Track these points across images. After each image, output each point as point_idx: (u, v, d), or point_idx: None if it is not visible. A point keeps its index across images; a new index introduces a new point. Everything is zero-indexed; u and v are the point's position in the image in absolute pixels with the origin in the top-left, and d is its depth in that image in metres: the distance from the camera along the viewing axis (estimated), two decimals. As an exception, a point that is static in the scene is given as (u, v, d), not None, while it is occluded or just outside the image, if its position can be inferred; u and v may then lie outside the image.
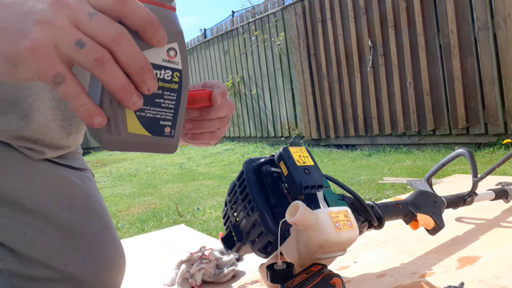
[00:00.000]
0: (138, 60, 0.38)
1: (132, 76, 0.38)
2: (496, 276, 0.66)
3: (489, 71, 3.35)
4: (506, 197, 1.04)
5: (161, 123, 0.43)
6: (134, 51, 0.37)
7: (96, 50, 0.36)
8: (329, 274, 0.52)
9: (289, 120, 5.56)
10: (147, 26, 0.39)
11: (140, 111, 0.41)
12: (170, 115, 0.44)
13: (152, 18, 0.39)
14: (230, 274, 0.84)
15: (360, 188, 2.53)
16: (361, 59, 4.41)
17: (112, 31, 0.36)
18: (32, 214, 0.73)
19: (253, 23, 5.92)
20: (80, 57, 0.36)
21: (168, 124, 0.44)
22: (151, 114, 0.42)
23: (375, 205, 0.71)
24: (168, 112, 0.43)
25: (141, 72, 0.38)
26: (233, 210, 0.66)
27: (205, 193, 3.13)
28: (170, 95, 0.43)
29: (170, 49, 0.42)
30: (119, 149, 0.42)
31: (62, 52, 0.36)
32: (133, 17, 0.38)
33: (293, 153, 0.60)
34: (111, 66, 0.37)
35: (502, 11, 3.20)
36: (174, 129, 0.44)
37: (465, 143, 3.63)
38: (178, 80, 0.43)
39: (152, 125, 0.42)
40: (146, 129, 0.42)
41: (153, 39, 0.39)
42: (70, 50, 0.36)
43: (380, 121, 4.29)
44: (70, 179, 0.79)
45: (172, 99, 0.43)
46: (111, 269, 0.77)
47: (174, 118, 0.44)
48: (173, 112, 0.44)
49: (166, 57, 0.42)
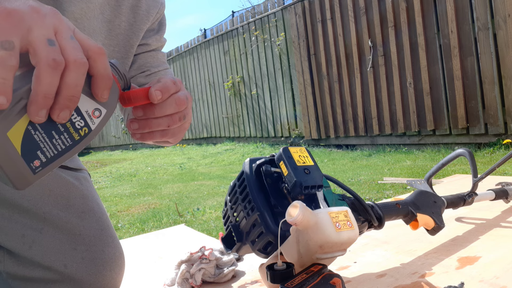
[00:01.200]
0: (76, 90, 0.40)
1: (59, 97, 0.40)
2: (496, 276, 0.66)
3: (489, 71, 3.35)
4: (506, 197, 1.04)
5: (37, 153, 0.41)
6: (79, 82, 0.41)
7: (59, 55, 0.39)
8: (329, 274, 0.52)
9: (289, 120, 5.55)
10: (103, 78, 0.43)
11: (32, 127, 0.40)
12: (51, 154, 0.42)
13: (110, 77, 0.44)
14: (230, 274, 0.84)
15: (360, 188, 2.53)
16: (361, 59, 4.40)
17: (79, 56, 0.40)
18: (30, 215, 0.73)
19: (253, 23, 5.92)
20: (43, 50, 0.38)
21: (41, 159, 0.42)
22: (38, 138, 0.41)
23: (375, 205, 0.71)
24: (52, 150, 0.42)
25: (69, 99, 0.40)
26: (233, 210, 0.66)
27: (205, 193, 3.13)
28: (66, 139, 0.43)
29: (97, 109, 0.44)
30: None
31: (30, 38, 0.38)
32: (100, 65, 0.43)
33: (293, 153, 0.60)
34: (57, 74, 0.39)
35: (502, 11, 3.20)
36: (42, 168, 0.42)
37: (465, 143, 3.63)
38: (83, 135, 0.44)
39: (30, 147, 0.41)
40: (22, 145, 0.40)
41: (99, 91, 0.43)
42: (39, 40, 0.38)
43: (380, 121, 4.29)
44: (67, 179, 0.78)
45: (65, 144, 0.43)
46: (111, 269, 0.77)
47: (51, 159, 0.42)
48: (55, 154, 0.42)
49: (90, 112, 0.44)
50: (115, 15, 0.76)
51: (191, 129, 8.02)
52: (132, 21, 0.79)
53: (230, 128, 6.88)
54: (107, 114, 0.45)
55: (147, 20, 0.81)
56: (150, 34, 0.85)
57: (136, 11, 0.79)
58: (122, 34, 0.78)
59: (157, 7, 0.83)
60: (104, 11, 0.74)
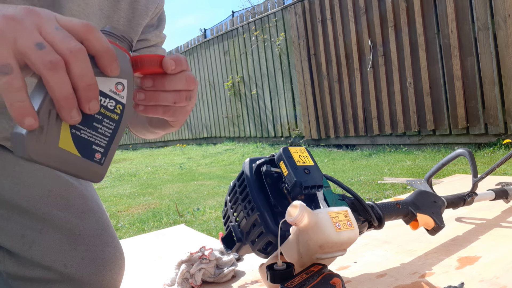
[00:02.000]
0: (89, 77, 0.39)
1: (78, 91, 0.39)
2: (496, 276, 0.66)
3: (489, 71, 3.35)
4: (506, 197, 1.04)
5: (93, 147, 0.43)
6: (87, 69, 0.39)
7: (53, 54, 0.38)
8: (329, 274, 0.52)
9: (289, 120, 5.55)
10: (105, 53, 0.41)
11: (75, 129, 0.41)
12: (104, 142, 0.44)
13: (111, 48, 0.42)
14: (230, 274, 0.84)
15: (360, 188, 2.53)
16: (361, 59, 4.40)
17: (72, 44, 0.39)
18: (29, 216, 0.72)
19: (253, 23, 5.92)
20: (36, 57, 0.37)
21: (100, 151, 0.43)
22: (86, 135, 0.42)
23: (375, 205, 0.71)
24: (103, 139, 0.44)
25: (88, 89, 0.39)
26: (233, 210, 0.66)
27: (205, 193, 3.13)
28: (108, 123, 0.44)
29: (119, 83, 0.44)
30: (43, 162, 0.40)
31: (19, 48, 0.37)
32: (95, 41, 0.41)
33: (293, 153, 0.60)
34: (62, 73, 0.38)
35: (502, 11, 3.20)
36: (105, 157, 0.44)
37: (465, 143, 3.63)
38: (120, 112, 0.44)
39: (84, 146, 0.42)
40: (77, 148, 0.42)
41: (107, 67, 0.42)
42: (28, 48, 0.37)
43: (380, 121, 4.29)
44: (66, 179, 0.78)
45: (110, 127, 0.44)
46: (111, 268, 0.77)
47: (107, 146, 0.44)
48: (107, 141, 0.44)
49: (113, 89, 0.44)
50: (114, 10, 0.76)
51: (191, 129, 8.02)
52: (131, 17, 0.79)
53: (230, 128, 6.88)
54: (130, 83, 0.45)
55: (146, 15, 0.81)
56: (150, 29, 0.84)
57: (135, 6, 0.78)
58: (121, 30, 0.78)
59: (156, 2, 0.82)
60: (103, 7, 0.73)
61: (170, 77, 0.50)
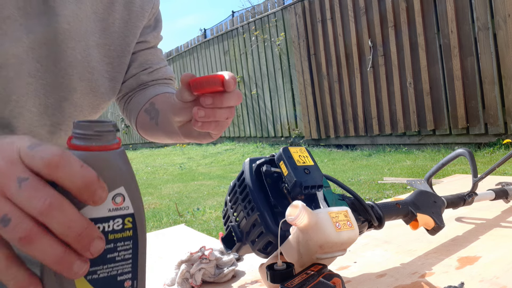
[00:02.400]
0: (75, 227, 0.33)
1: (71, 244, 0.33)
2: (496, 276, 0.66)
3: (489, 71, 3.35)
4: (506, 197, 1.04)
5: (118, 279, 0.38)
6: (68, 219, 0.33)
7: (21, 227, 0.32)
8: (329, 274, 0.52)
9: (289, 120, 5.55)
10: (82, 189, 0.33)
11: (90, 274, 0.36)
12: (129, 267, 0.38)
13: (88, 180, 0.33)
14: (230, 274, 0.84)
15: (360, 188, 2.53)
16: (361, 59, 4.40)
17: (41, 202, 0.32)
18: None
19: (253, 23, 5.92)
20: (5, 234, 0.32)
21: (127, 277, 0.38)
22: (105, 273, 0.37)
23: (375, 205, 0.71)
24: (126, 263, 0.38)
25: (80, 239, 0.33)
26: (233, 210, 0.66)
27: (205, 193, 3.13)
28: (124, 245, 0.38)
29: (116, 195, 0.37)
30: None
31: None
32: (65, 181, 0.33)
33: (293, 153, 0.60)
34: (39, 242, 0.32)
35: (502, 11, 3.20)
36: (136, 280, 0.39)
37: (465, 143, 3.63)
38: (132, 225, 0.38)
39: (109, 284, 0.37)
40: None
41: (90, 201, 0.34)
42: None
43: (380, 121, 4.29)
44: None
45: (128, 248, 0.38)
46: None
47: (134, 268, 0.39)
48: (131, 263, 0.39)
49: (112, 206, 0.37)
50: (109, 13, 0.75)
51: (191, 129, 8.03)
52: (127, 18, 0.78)
53: (230, 128, 6.88)
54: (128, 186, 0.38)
55: (142, 16, 0.80)
56: (148, 31, 0.84)
57: (130, 7, 0.78)
58: (117, 32, 0.77)
59: (152, 2, 0.82)
60: (97, 10, 0.73)
61: (227, 95, 0.54)
